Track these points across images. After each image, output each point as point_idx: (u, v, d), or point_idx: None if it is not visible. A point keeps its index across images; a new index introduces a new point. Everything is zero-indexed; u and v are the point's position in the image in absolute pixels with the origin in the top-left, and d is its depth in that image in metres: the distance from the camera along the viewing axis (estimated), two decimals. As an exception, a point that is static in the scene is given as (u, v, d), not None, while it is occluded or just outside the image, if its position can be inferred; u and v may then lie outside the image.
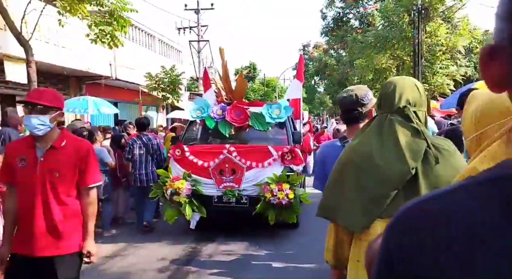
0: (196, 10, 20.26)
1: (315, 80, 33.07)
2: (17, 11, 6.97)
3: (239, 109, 5.71)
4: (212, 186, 5.39)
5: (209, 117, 5.76)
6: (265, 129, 5.72)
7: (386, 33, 13.58)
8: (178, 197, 5.25)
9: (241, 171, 5.34)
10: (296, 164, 5.42)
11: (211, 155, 5.43)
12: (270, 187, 5.19)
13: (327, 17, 23.17)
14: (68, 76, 11.60)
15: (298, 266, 4.54)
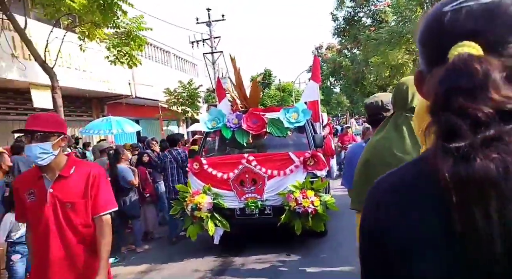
0: (208, 22, 20.62)
1: (331, 81, 32.71)
2: (40, 40, 7.27)
3: (255, 116, 5.48)
4: (234, 198, 5.15)
5: (225, 127, 5.55)
6: (284, 135, 5.45)
7: (399, 29, 13.41)
8: (199, 212, 5.03)
9: (262, 181, 5.09)
10: (319, 169, 5.12)
11: (230, 166, 5.20)
12: (294, 196, 4.91)
13: (338, 18, 22.88)
14: (90, 98, 12.01)
15: (333, 269, 4.44)
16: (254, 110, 5.52)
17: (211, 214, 5.08)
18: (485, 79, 0.53)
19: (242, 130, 5.47)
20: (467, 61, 0.54)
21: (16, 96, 9.50)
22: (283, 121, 5.41)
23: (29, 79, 8.33)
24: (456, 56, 0.56)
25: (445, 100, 0.55)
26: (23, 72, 8.07)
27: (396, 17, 14.17)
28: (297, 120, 5.41)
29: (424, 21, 0.65)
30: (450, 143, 0.53)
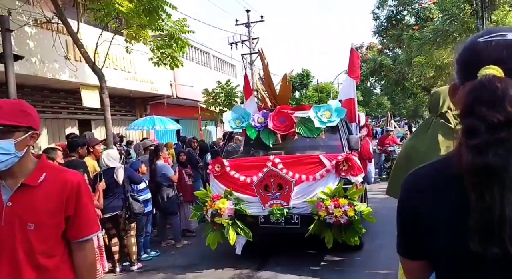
0: (247, 24, 20.55)
1: (371, 82, 31.39)
2: (89, 43, 7.70)
3: (283, 114, 4.93)
4: (257, 204, 4.63)
5: (250, 126, 5.05)
6: (315, 136, 4.86)
7: (446, 27, 12.74)
8: (220, 219, 4.56)
9: (289, 186, 4.52)
10: (354, 174, 4.47)
11: (254, 169, 4.69)
12: (325, 204, 4.30)
13: (380, 17, 21.82)
14: (134, 98, 12.42)
15: (371, 271, 4.06)
16: (282, 108, 4.97)
17: (233, 221, 4.59)
18: (503, 95, 0.75)
19: (268, 129, 4.94)
20: (491, 80, 0.77)
21: (67, 96, 9.94)
22: (314, 120, 4.82)
23: (80, 79, 8.75)
24: (483, 75, 0.78)
25: (471, 108, 0.77)
26: (74, 73, 8.44)
27: (442, 15, 13.50)
28: (329, 120, 4.79)
29: (463, 46, 0.88)
30: (471, 140, 0.76)
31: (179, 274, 4.67)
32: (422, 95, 23.48)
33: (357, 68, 5.57)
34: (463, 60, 0.87)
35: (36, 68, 7.86)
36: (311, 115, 4.86)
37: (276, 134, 4.94)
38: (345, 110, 4.89)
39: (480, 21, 11.23)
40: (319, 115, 4.82)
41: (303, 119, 4.92)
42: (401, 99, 25.73)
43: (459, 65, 0.88)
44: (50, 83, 8.83)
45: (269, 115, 4.96)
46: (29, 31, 7.62)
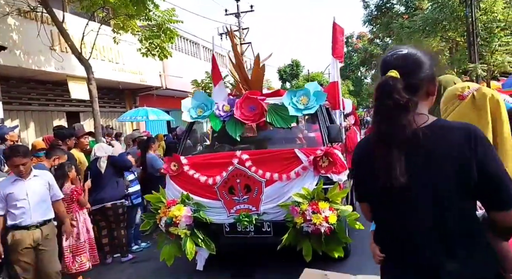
0: (237, 14, 20.15)
1: (361, 71, 30.77)
2: (76, 33, 7.42)
3: (252, 101, 4.05)
4: (221, 210, 3.78)
5: (213, 116, 4.17)
6: (289, 126, 3.99)
7: (435, 15, 12.71)
8: (176, 229, 3.71)
9: (259, 188, 3.68)
10: (336, 172, 3.63)
11: (216, 167, 3.84)
12: (301, 208, 3.48)
13: (370, 6, 21.60)
14: (122, 90, 12.05)
15: None
16: (251, 94, 4.08)
17: (191, 231, 3.74)
18: (394, 88, 1.20)
19: (234, 119, 4.07)
20: (387, 79, 1.23)
21: (54, 88, 9.60)
22: (288, 108, 3.95)
23: (66, 71, 8.50)
24: (386, 76, 1.24)
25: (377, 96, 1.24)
26: (60, 64, 8.23)
27: (432, 3, 13.35)
28: (306, 106, 3.93)
29: (381, 60, 1.37)
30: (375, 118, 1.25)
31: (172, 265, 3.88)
32: None
33: (340, 46, 4.69)
34: (380, 68, 1.35)
35: (20, 59, 7.52)
36: (285, 101, 4.00)
37: (244, 125, 4.07)
38: (325, 94, 4.02)
39: (469, 9, 11.10)
40: (295, 101, 3.96)
41: (276, 107, 4.05)
42: None
43: (380, 72, 1.34)
44: (36, 75, 8.43)
45: (236, 102, 4.08)
46: (12, 22, 7.33)
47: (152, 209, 3.89)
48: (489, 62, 12.27)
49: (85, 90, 8.30)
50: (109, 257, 4.74)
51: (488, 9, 12.06)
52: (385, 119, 1.20)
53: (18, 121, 8.54)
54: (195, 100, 4.27)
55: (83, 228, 4.00)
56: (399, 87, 1.19)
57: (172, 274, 4.04)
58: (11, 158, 3.10)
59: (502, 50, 12.21)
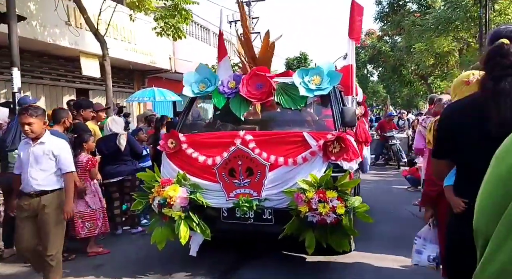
0: (247, 2, 20.12)
1: (368, 69, 30.43)
2: (91, 10, 7.30)
3: (259, 78, 3.70)
4: (220, 193, 3.47)
5: (217, 92, 3.82)
6: (299, 107, 3.65)
7: (448, 15, 12.62)
8: (170, 210, 3.39)
9: (262, 171, 3.35)
10: (347, 159, 3.31)
11: (217, 147, 3.51)
12: (307, 196, 3.16)
13: (382, 2, 21.41)
14: (132, 70, 11.97)
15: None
16: (259, 70, 3.73)
17: (186, 214, 3.43)
18: (508, 51, 1.43)
19: (239, 97, 3.72)
20: (503, 44, 1.46)
21: (66, 63, 9.50)
22: (299, 87, 3.60)
23: (80, 47, 8.43)
24: (499, 41, 1.47)
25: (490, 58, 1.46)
26: (74, 40, 8.20)
27: (445, 3, 13.29)
28: (319, 87, 3.58)
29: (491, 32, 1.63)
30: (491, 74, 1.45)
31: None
32: (419, 84, 22.74)
33: (358, 26, 4.32)
34: (490, 38, 1.59)
35: (36, 31, 7.39)
36: (296, 80, 3.65)
37: (249, 104, 3.73)
38: (340, 75, 3.66)
39: (483, 9, 10.95)
40: (306, 81, 3.61)
41: (286, 86, 3.71)
42: (397, 88, 25.07)
43: (489, 42, 1.59)
44: (49, 49, 8.34)
45: (242, 79, 3.73)
46: None
47: (145, 187, 3.57)
48: None
49: (97, 68, 8.62)
50: (119, 228, 4.86)
51: (502, 11, 12.06)
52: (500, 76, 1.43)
53: (29, 93, 8.23)
54: (198, 74, 3.92)
55: (95, 197, 4.12)
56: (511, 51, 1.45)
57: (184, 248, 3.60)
58: (19, 115, 2.98)
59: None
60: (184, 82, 3.90)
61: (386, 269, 3.52)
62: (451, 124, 1.64)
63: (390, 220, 5.00)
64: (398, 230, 4.54)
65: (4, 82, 7.63)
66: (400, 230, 4.47)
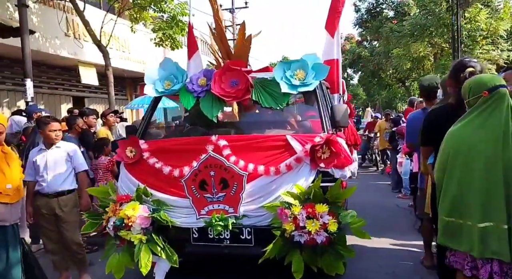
0: (231, 9, 20.08)
1: (348, 73, 30.85)
2: (93, 23, 7.80)
3: (234, 74, 3.11)
4: (189, 210, 2.85)
5: (185, 91, 3.21)
6: (280, 106, 3.08)
7: (423, 21, 13.15)
8: (128, 233, 2.75)
9: (239, 183, 2.76)
10: (339, 166, 2.76)
11: (185, 155, 2.89)
12: (292, 211, 2.60)
13: (361, 9, 21.97)
14: (124, 77, 12.17)
15: None
16: (233, 64, 3.14)
17: (148, 237, 2.79)
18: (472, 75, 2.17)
19: (211, 96, 3.12)
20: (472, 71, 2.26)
21: (63, 73, 9.87)
22: (281, 84, 3.04)
23: (79, 57, 8.80)
24: (468, 70, 2.25)
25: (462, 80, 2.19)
26: (73, 50, 8.60)
27: (420, 10, 13.89)
28: (303, 82, 3.03)
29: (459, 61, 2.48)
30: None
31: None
32: (397, 87, 23.06)
33: (336, 19, 3.80)
34: (455, 64, 2.44)
35: (39, 43, 7.81)
36: (277, 75, 3.09)
37: (223, 103, 3.13)
38: (327, 68, 3.11)
39: (455, 17, 11.50)
40: (288, 76, 3.05)
41: (265, 82, 3.14)
42: (376, 91, 25.40)
43: (453, 67, 2.44)
44: (49, 59, 8.73)
45: (214, 74, 3.14)
46: (32, 6, 7.52)
47: (99, 206, 2.91)
48: None
49: (94, 76, 9.14)
50: None
51: (472, 18, 12.74)
52: None
53: (28, 102, 8.75)
54: (162, 69, 3.29)
55: None
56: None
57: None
58: (50, 122, 3.15)
59: (483, 57, 12.63)
60: (146, 79, 3.27)
61: (382, 250, 3.79)
62: (434, 123, 2.37)
63: (377, 210, 5.37)
64: (385, 219, 4.98)
65: (6, 91, 8.32)
66: (387, 219, 4.96)
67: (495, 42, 12.98)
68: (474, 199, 1.84)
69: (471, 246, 1.84)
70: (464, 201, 1.88)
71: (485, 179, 1.82)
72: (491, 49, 12.82)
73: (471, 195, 1.86)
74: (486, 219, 1.81)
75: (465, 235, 1.86)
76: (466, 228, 1.86)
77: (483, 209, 1.81)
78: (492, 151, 1.82)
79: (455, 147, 1.93)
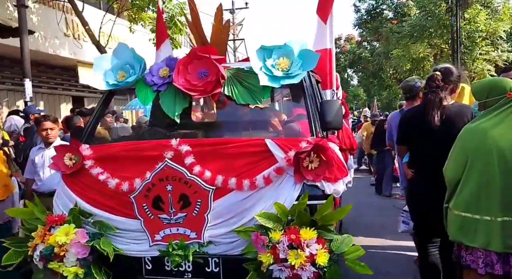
0: (231, 10, 20.09)
1: (348, 73, 30.70)
2: (92, 22, 7.77)
3: (202, 62, 2.47)
4: (139, 235, 2.21)
5: (142, 83, 2.57)
6: (258, 103, 2.45)
7: (423, 22, 13.15)
8: (60, 265, 2.10)
9: (203, 200, 2.13)
10: (331, 178, 2.14)
11: (136, 164, 2.25)
12: (271, 238, 1.97)
13: (360, 10, 22.10)
14: None
15: None
16: (201, 51, 2.50)
17: (86, 271, 2.14)
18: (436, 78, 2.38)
19: (173, 90, 2.48)
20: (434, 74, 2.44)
21: (62, 73, 9.93)
22: (259, 75, 2.40)
23: (78, 57, 8.87)
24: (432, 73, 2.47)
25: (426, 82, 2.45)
26: (73, 50, 8.66)
27: (420, 11, 13.88)
28: (287, 73, 2.40)
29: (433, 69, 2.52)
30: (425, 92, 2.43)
31: None
32: (397, 88, 22.80)
33: (329, 2, 3.19)
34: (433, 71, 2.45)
35: (38, 43, 7.83)
36: (255, 65, 2.45)
37: (188, 99, 2.49)
38: (317, 56, 2.48)
39: (454, 18, 11.50)
40: (269, 65, 2.42)
41: (240, 73, 2.51)
42: (377, 92, 25.21)
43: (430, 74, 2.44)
44: (49, 59, 8.80)
45: (177, 63, 2.50)
46: (31, 6, 7.53)
47: (23, 230, 2.26)
48: (471, 69, 12.66)
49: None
50: None
51: (471, 19, 12.65)
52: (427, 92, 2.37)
53: (29, 102, 8.65)
54: (116, 57, 2.64)
55: None
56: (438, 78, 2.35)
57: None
58: (42, 122, 3.17)
59: (482, 58, 12.71)
60: (95, 69, 2.62)
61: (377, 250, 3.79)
62: (407, 124, 2.53)
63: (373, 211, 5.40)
64: (381, 219, 4.86)
65: (6, 91, 8.34)
66: (383, 219, 4.82)
67: (495, 43, 12.96)
68: (495, 194, 1.86)
69: (488, 241, 1.85)
70: (483, 196, 1.89)
71: (505, 175, 1.84)
72: (491, 50, 12.81)
73: (491, 191, 1.87)
74: (505, 214, 1.83)
75: (481, 230, 1.87)
76: (483, 223, 1.87)
77: (502, 203, 1.84)
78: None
79: (475, 144, 1.94)
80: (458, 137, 2.01)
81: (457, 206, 1.97)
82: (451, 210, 2.01)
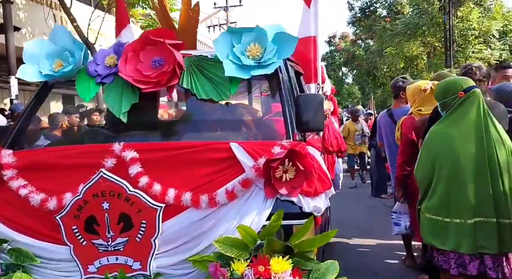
0: (225, 7, 20.03)
1: (343, 71, 30.61)
2: (80, 19, 7.63)
3: (157, 49, 1.98)
4: (69, 266, 1.73)
5: (84, 74, 2.09)
6: (224, 98, 1.98)
7: (416, 20, 13.09)
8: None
9: (149, 220, 1.66)
10: (310, 192, 1.69)
11: (67, 175, 1.77)
12: (232, 270, 1.50)
13: (354, 8, 21.87)
14: None
15: None
16: (155, 34, 2.02)
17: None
18: None
19: (120, 81, 2.00)
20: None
21: None
22: (224, 63, 1.93)
23: None
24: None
25: None
26: None
27: (413, 9, 13.90)
28: (259, 62, 1.93)
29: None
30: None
31: None
32: None
33: None
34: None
35: (25, 40, 7.62)
36: (220, 52, 1.98)
37: (138, 92, 2.01)
38: (295, 39, 2.02)
39: (447, 16, 11.42)
40: (238, 53, 1.95)
41: (203, 62, 2.04)
42: (371, 90, 25.12)
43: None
44: None
45: (125, 49, 2.01)
46: (18, 1, 7.45)
47: None
48: None
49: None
50: None
51: (464, 18, 12.42)
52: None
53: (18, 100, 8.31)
54: (52, 42, 2.15)
55: None
56: None
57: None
58: None
59: (475, 57, 12.55)
60: (25, 57, 2.12)
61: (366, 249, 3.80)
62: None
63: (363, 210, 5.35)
64: (371, 218, 4.80)
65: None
66: (373, 218, 4.78)
67: (487, 41, 12.89)
68: (464, 197, 1.87)
69: (459, 244, 1.86)
70: (453, 200, 1.90)
71: (473, 177, 1.84)
72: (483, 48, 12.74)
73: (461, 193, 1.88)
74: (476, 215, 1.84)
75: (451, 233, 1.87)
76: (453, 226, 1.87)
77: (473, 205, 1.84)
78: (477, 148, 1.86)
79: (441, 147, 1.96)
80: (425, 138, 2.05)
81: (428, 209, 1.99)
82: (423, 213, 2.04)
